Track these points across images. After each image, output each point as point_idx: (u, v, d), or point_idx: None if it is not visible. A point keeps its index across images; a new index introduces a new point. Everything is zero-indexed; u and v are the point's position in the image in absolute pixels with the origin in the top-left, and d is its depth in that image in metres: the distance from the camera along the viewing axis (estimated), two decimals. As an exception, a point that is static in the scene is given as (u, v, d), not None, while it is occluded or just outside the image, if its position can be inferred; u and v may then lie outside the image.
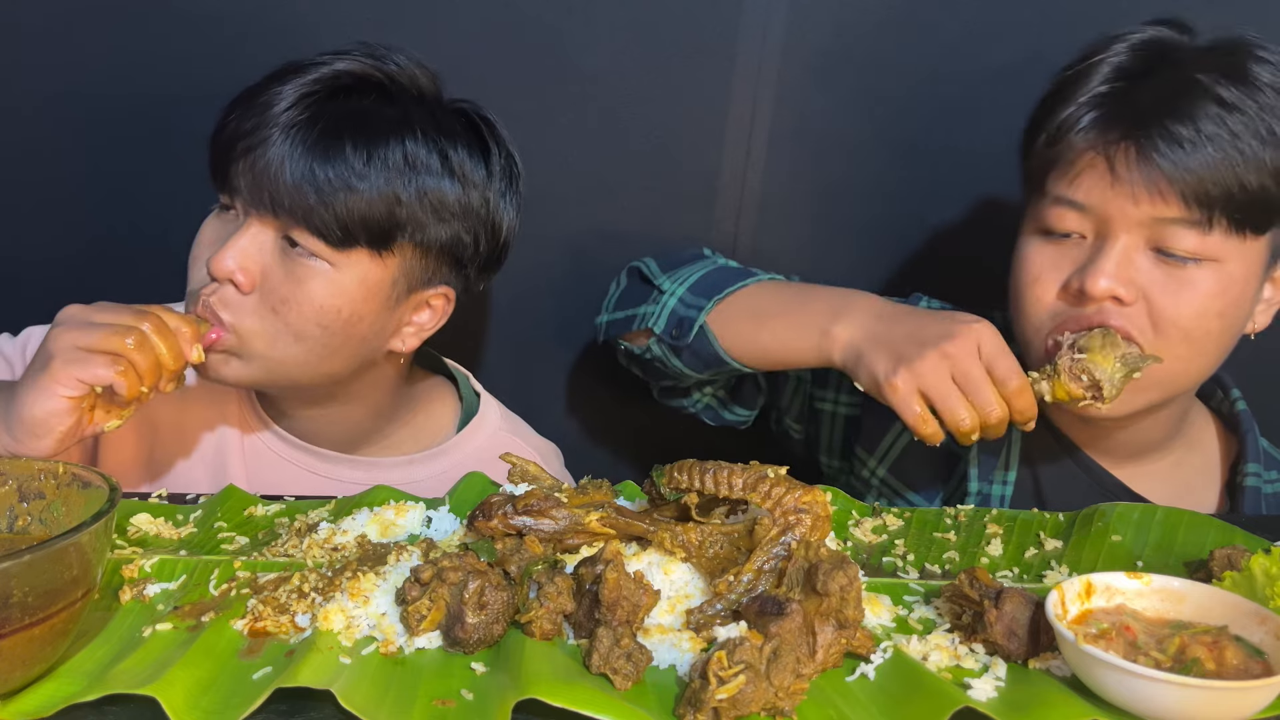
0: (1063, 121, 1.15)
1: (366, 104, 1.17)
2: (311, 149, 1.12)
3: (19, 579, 0.70)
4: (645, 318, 1.33)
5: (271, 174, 1.11)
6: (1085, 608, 0.83)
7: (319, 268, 1.14)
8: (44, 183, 1.54)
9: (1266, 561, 0.87)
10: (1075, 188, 1.14)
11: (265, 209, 1.13)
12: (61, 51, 1.47)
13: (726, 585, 0.84)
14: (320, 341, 1.16)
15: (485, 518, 0.91)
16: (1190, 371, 1.19)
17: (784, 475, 0.91)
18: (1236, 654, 0.77)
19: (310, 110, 1.14)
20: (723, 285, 1.29)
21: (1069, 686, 0.78)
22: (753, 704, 0.72)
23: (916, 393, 1.08)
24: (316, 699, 0.73)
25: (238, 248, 1.13)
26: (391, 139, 1.15)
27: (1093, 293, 1.12)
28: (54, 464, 0.84)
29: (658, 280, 1.35)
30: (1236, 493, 1.28)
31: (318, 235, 1.13)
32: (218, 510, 1.05)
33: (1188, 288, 1.12)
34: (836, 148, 1.55)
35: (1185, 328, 1.13)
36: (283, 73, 1.17)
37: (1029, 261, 1.20)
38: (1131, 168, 1.10)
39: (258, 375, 1.18)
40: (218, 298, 1.13)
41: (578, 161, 1.54)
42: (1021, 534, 1.07)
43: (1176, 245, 1.11)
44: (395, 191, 1.14)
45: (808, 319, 1.20)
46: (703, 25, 1.48)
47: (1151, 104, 1.11)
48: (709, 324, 1.27)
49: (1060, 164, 1.16)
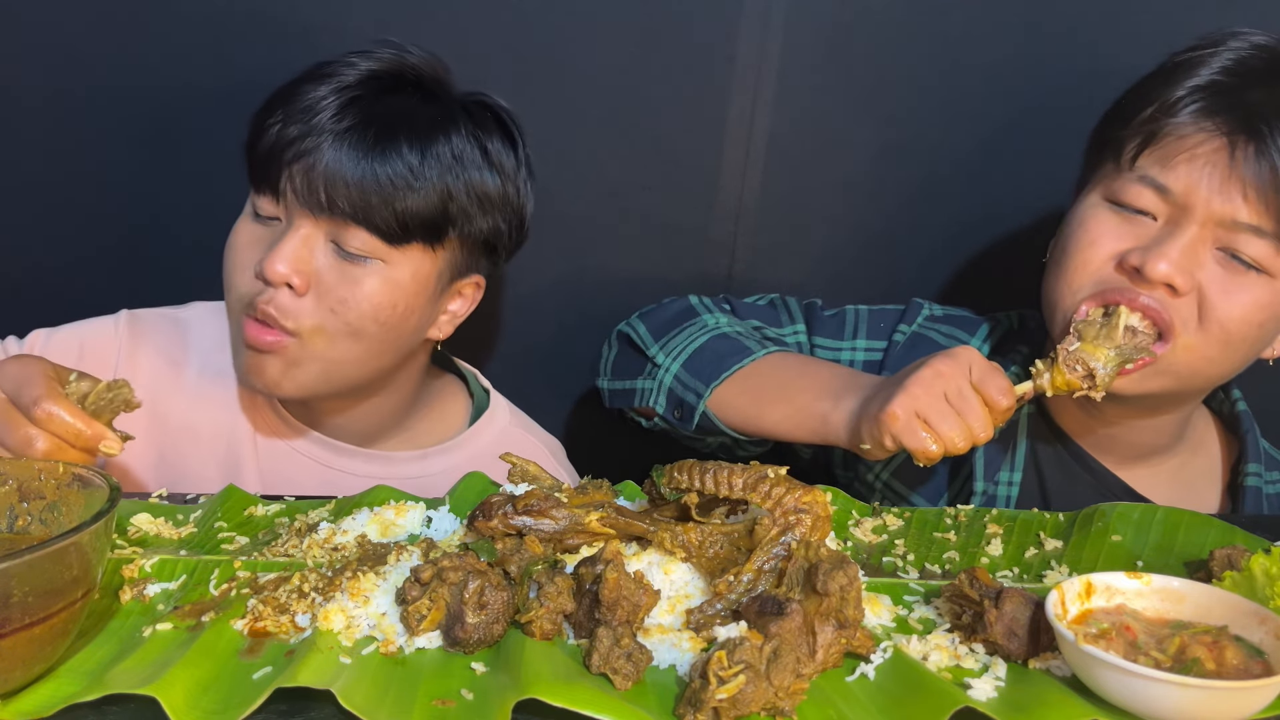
0: (1174, 101, 1.13)
1: (411, 102, 1.20)
2: (370, 151, 1.14)
3: (19, 579, 0.70)
4: (644, 394, 1.33)
5: (330, 178, 1.13)
6: (1085, 608, 0.83)
7: (373, 266, 1.17)
8: (47, 185, 1.54)
9: (1266, 561, 0.87)
10: (1165, 169, 1.13)
11: (320, 212, 1.15)
12: (65, 50, 1.47)
13: (726, 585, 0.84)
14: (377, 338, 1.20)
15: (485, 518, 0.91)
16: (1212, 372, 1.19)
17: (784, 475, 0.91)
18: (1236, 654, 0.77)
19: (359, 113, 1.16)
20: (718, 365, 1.27)
21: (1069, 686, 0.78)
22: (753, 704, 0.72)
23: (915, 416, 1.06)
24: (316, 699, 0.73)
25: (288, 251, 1.15)
26: (439, 135, 1.18)
27: (1151, 274, 1.11)
28: (54, 464, 0.84)
29: (650, 351, 1.34)
30: (1238, 493, 1.29)
31: (377, 234, 1.16)
32: (218, 510, 1.05)
33: (1241, 291, 1.12)
34: (836, 148, 1.55)
35: (1229, 329, 1.13)
36: (314, 76, 1.19)
37: (1089, 225, 1.18)
38: (1236, 165, 1.09)
39: (316, 382, 1.21)
40: (275, 306, 1.16)
41: (578, 161, 1.54)
42: (1021, 534, 1.07)
43: (1244, 250, 1.11)
44: (448, 186, 1.18)
45: (806, 405, 1.19)
46: (703, 25, 1.48)
47: (1271, 107, 1.10)
48: (710, 407, 1.27)
49: (1156, 143, 1.14)
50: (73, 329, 1.33)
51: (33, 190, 1.53)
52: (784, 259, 1.61)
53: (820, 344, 1.39)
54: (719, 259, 1.60)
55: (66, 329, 1.33)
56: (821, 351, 1.39)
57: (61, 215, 1.55)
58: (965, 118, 1.51)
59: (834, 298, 1.49)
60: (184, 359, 1.34)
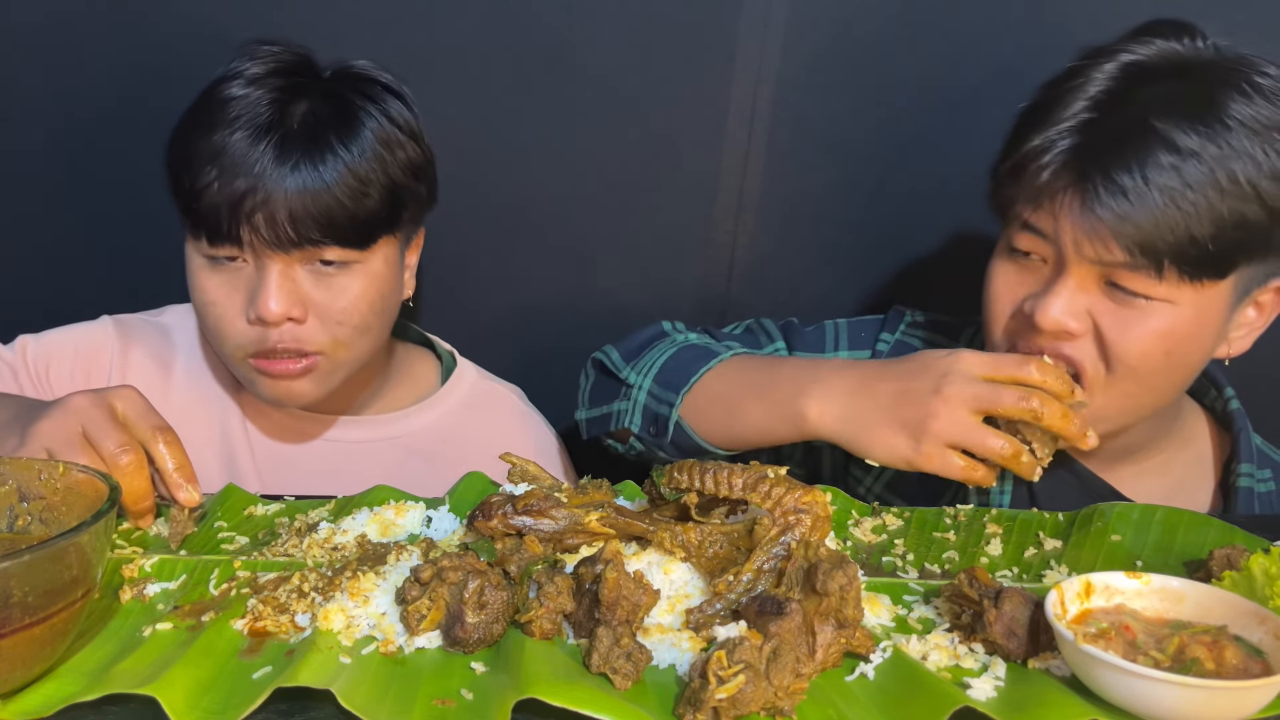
0: (1028, 152, 1.12)
1: (324, 112, 1.20)
2: (318, 184, 1.16)
3: (19, 579, 0.70)
4: (620, 416, 1.31)
5: (295, 218, 1.16)
6: (1085, 607, 0.83)
7: (354, 270, 1.22)
8: (39, 191, 1.54)
9: (1266, 561, 0.87)
10: (1038, 216, 1.13)
11: (292, 248, 1.18)
12: (57, 55, 1.47)
13: (726, 585, 0.84)
14: (379, 324, 1.28)
15: (485, 518, 0.91)
16: (1140, 405, 1.17)
17: (784, 475, 0.91)
18: (1236, 654, 0.77)
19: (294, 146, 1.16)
20: (686, 372, 1.26)
21: (1069, 686, 0.78)
22: (752, 703, 0.72)
23: (949, 450, 1.06)
24: (316, 699, 0.73)
25: (278, 291, 1.18)
26: (359, 131, 1.21)
27: (1042, 324, 1.11)
28: (54, 464, 0.85)
29: (622, 373, 1.32)
30: (1230, 493, 1.28)
31: (348, 245, 1.20)
32: (217, 510, 1.05)
33: (1136, 324, 1.10)
34: (836, 148, 1.55)
35: (1132, 364, 1.11)
36: (219, 118, 1.17)
37: (995, 278, 1.19)
38: (1076, 214, 1.08)
39: (341, 380, 1.28)
40: (291, 339, 1.20)
41: (578, 161, 1.54)
42: (1021, 534, 1.07)
43: (1127, 284, 1.09)
44: (390, 177, 1.22)
45: (777, 400, 1.17)
46: (703, 25, 1.48)
47: (1102, 148, 1.08)
48: (683, 417, 1.25)
49: (1024, 191, 1.14)
50: (61, 334, 1.35)
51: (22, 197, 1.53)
52: (784, 259, 1.61)
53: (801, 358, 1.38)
54: (719, 259, 1.60)
55: (54, 334, 1.35)
56: None
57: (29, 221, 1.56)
58: (965, 118, 1.51)
59: (834, 298, 1.50)
60: (171, 361, 1.37)
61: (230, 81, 1.20)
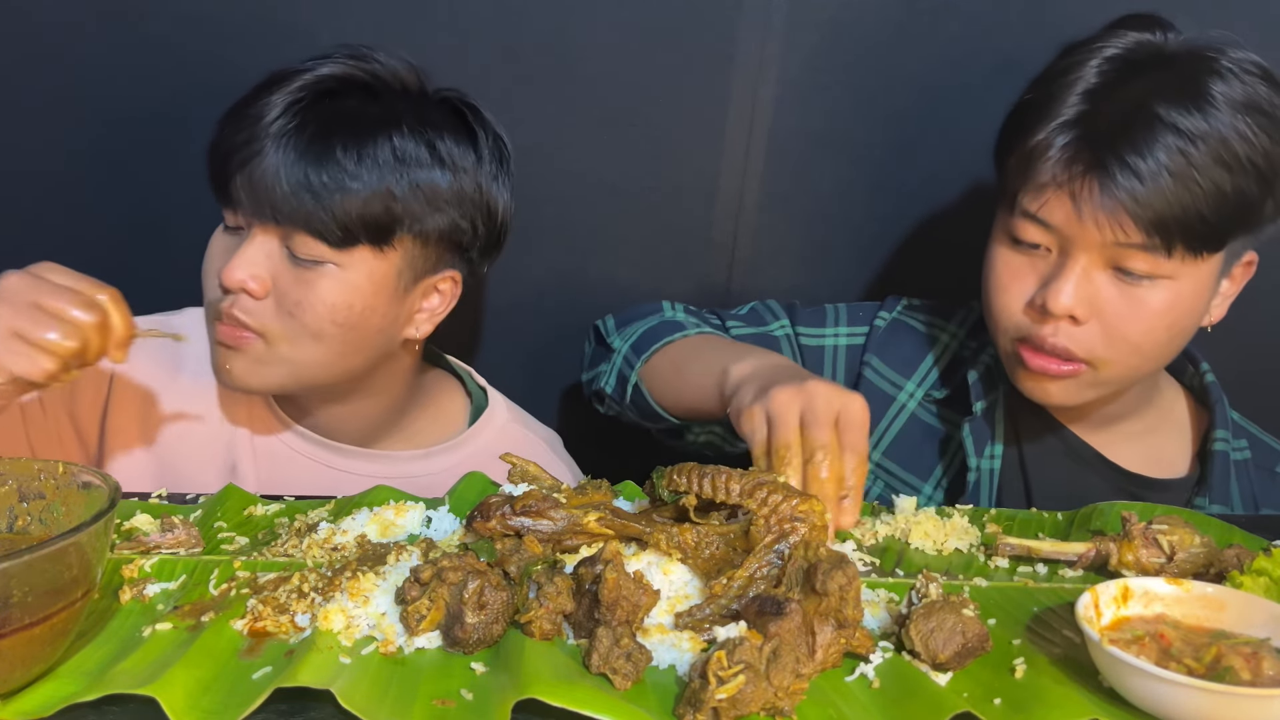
0: (1033, 147, 1.17)
1: (352, 105, 1.19)
2: (303, 155, 1.15)
3: (19, 579, 0.70)
4: (600, 376, 1.37)
5: (268, 184, 1.14)
6: (1121, 614, 0.83)
7: (326, 269, 1.18)
8: (45, 187, 1.54)
9: (1267, 563, 0.86)
10: (1042, 208, 1.17)
11: (267, 218, 1.16)
12: (65, 54, 1.47)
13: (721, 588, 0.84)
14: (339, 339, 1.20)
15: (483, 518, 0.91)
16: (1137, 374, 1.24)
17: (782, 482, 0.91)
18: (1274, 665, 0.75)
19: (298, 117, 1.16)
20: (654, 338, 1.31)
21: (1068, 686, 0.78)
22: (752, 704, 0.72)
23: (764, 415, 1.02)
24: (316, 699, 0.73)
25: (245, 258, 1.16)
26: (379, 136, 1.18)
27: (1055, 310, 1.16)
28: (54, 464, 0.85)
29: (610, 339, 1.38)
30: (1207, 459, 1.32)
31: (319, 238, 1.16)
32: (217, 510, 1.05)
33: (1140, 305, 1.16)
34: (836, 148, 1.55)
35: (1135, 342, 1.18)
36: (270, 82, 1.19)
37: (999, 269, 1.23)
38: (1093, 199, 1.13)
39: (284, 380, 1.22)
40: (239, 308, 1.17)
41: (578, 161, 1.54)
42: (1020, 533, 1.07)
43: (1134, 267, 1.15)
44: (389, 187, 1.17)
45: (713, 360, 1.19)
46: (703, 25, 1.48)
47: (1110, 135, 1.13)
48: (642, 379, 1.29)
49: (1029, 184, 1.18)
50: None
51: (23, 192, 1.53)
52: (784, 259, 1.61)
53: (804, 332, 1.43)
54: (719, 259, 1.61)
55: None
56: (806, 339, 1.43)
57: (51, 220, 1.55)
58: (965, 118, 1.51)
59: (833, 298, 1.49)
60: (180, 363, 1.34)
61: (306, 63, 1.21)
